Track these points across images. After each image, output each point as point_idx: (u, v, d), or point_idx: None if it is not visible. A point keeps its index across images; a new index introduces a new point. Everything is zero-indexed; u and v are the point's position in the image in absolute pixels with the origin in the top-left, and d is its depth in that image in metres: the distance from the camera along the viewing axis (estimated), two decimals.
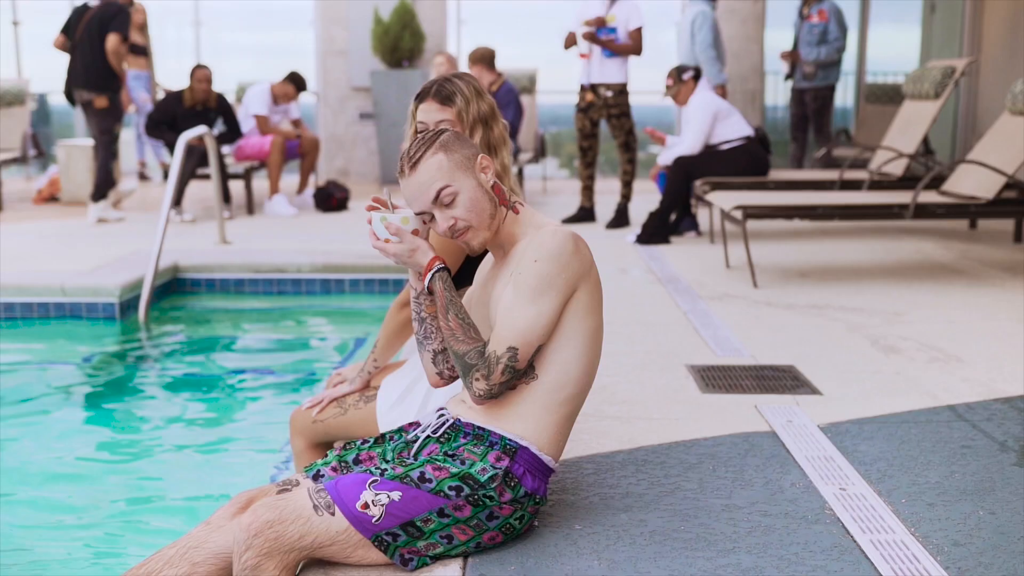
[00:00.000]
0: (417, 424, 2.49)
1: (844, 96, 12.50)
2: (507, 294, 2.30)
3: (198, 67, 8.76)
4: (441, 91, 2.75)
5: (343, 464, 2.38)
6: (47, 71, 13.39)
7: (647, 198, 8.95)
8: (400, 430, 2.49)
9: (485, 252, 2.56)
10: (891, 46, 12.58)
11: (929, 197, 6.04)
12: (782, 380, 3.83)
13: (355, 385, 2.98)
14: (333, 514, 2.18)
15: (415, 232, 2.31)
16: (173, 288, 6.40)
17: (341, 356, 5.42)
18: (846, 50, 9.58)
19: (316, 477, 2.35)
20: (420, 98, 2.78)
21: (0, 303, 5.77)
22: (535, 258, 2.27)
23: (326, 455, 2.49)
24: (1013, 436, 3.13)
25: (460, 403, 2.43)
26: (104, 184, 8.24)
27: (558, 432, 2.37)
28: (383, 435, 2.48)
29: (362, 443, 2.46)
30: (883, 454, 2.98)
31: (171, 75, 11.60)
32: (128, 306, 5.85)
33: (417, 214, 2.32)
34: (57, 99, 9.48)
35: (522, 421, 2.33)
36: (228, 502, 2.39)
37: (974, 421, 3.28)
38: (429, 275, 2.31)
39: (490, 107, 2.81)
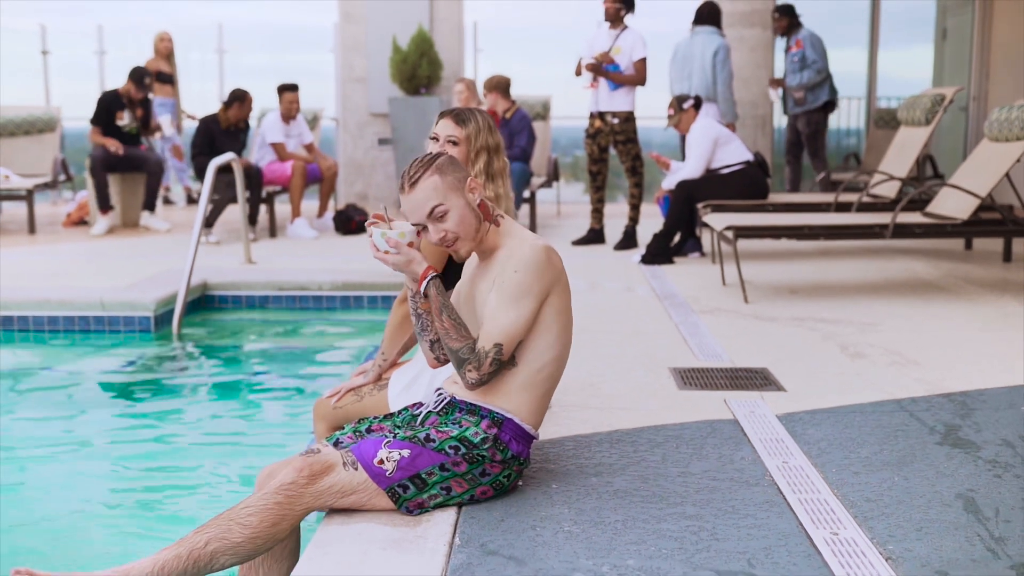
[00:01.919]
0: (420, 404, 2.93)
1: (857, 119, 12.86)
2: (492, 298, 2.75)
3: (245, 93, 9.46)
4: (461, 114, 3.29)
5: (358, 433, 2.83)
6: (76, 98, 13.91)
7: (655, 221, 9.33)
8: (406, 408, 2.94)
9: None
10: (903, 70, 12.88)
11: (912, 218, 6.42)
12: (753, 379, 4.22)
13: (369, 377, 3.46)
14: (356, 469, 2.63)
15: (411, 244, 2.73)
16: (203, 304, 6.84)
17: (359, 361, 5.84)
18: (828, 72, 9.89)
19: (336, 444, 2.77)
20: (442, 115, 3.32)
21: (45, 316, 6.22)
22: (515, 269, 2.74)
23: None
24: (943, 422, 3.53)
25: (455, 384, 2.89)
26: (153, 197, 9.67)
27: (538, 406, 2.82)
28: (391, 413, 2.94)
29: (373, 418, 2.91)
30: (826, 436, 3.39)
31: (195, 100, 12.06)
32: (162, 320, 6.29)
33: (414, 225, 2.74)
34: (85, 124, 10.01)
35: (507, 397, 2.78)
36: (255, 486, 2.81)
37: (913, 411, 3.68)
38: (424, 283, 2.75)
39: (497, 143, 3.34)
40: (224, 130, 9.29)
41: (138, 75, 9.69)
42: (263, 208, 9.46)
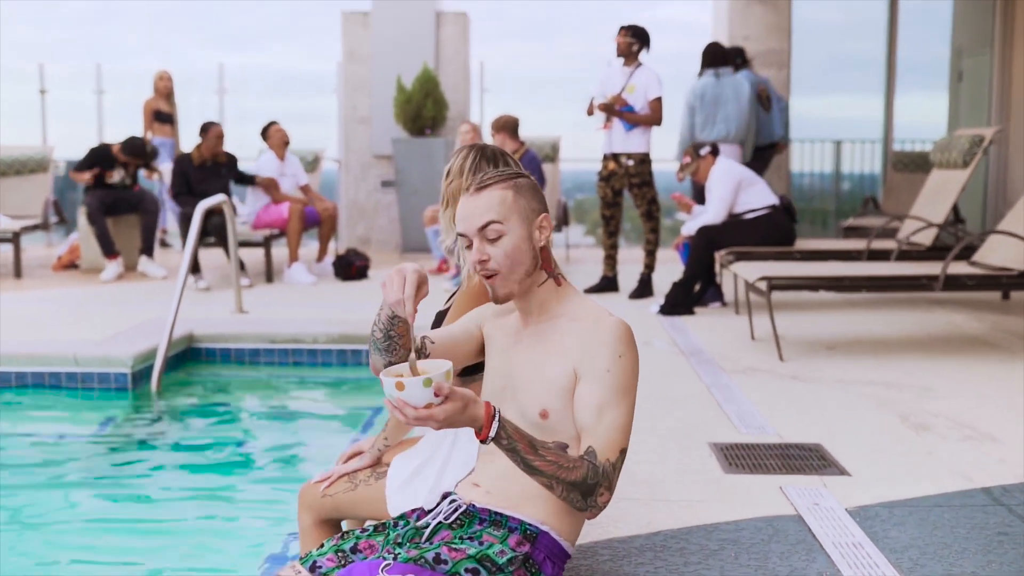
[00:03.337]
0: (423, 511, 2.36)
1: (871, 163, 12.43)
2: (591, 390, 2.18)
3: (212, 124, 8.97)
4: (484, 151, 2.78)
5: (340, 553, 2.25)
6: (74, 139, 13.54)
7: (671, 268, 8.83)
8: (403, 517, 2.36)
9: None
10: (918, 114, 12.52)
11: (959, 268, 5.90)
12: (808, 460, 3.68)
13: (365, 461, 2.91)
14: None
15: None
16: (188, 357, 6.31)
17: (355, 430, 5.30)
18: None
19: (313, 568, 2.22)
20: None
21: (12, 372, 5.69)
22: (619, 353, 2.19)
23: (331, 535, 2.36)
24: None
25: (472, 487, 2.31)
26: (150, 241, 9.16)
27: (578, 516, 2.25)
28: (383, 524, 2.36)
29: (361, 531, 2.33)
30: (915, 541, 2.82)
31: (194, 141, 11.61)
32: (141, 376, 5.75)
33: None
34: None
35: (542, 505, 2.22)
36: None
37: (1011, 505, 3.12)
38: (494, 425, 2.05)
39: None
40: (198, 167, 8.85)
41: (133, 148, 9.17)
42: (260, 252, 8.97)
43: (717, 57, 8.44)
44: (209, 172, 8.79)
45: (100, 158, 9.16)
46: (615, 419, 2.16)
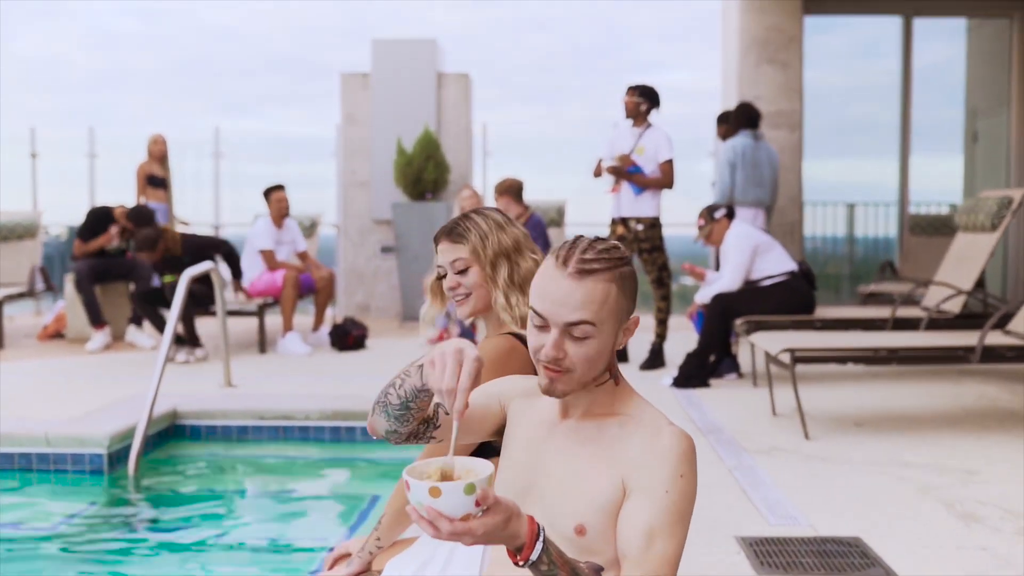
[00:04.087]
0: None
1: (885, 226, 12.10)
2: (644, 513, 1.80)
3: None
4: (454, 229, 2.49)
5: None
6: (65, 204, 13.30)
7: (683, 337, 8.47)
8: None
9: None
10: (932, 176, 12.24)
11: (995, 338, 5.51)
12: (849, 557, 3.28)
13: (354, 567, 2.57)
14: None
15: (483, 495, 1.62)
16: (171, 435, 5.91)
17: (348, 522, 4.87)
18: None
19: None
20: (436, 239, 2.52)
21: None
22: (680, 472, 1.82)
23: None
24: None
25: None
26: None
27: None
28: None
29: None
30: None
31: (189, 207, 11.33)
32: (118, 457, 5.35)
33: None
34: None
35: None
36: None
37: None
38: (537, 546, 1.67)
39: (515, 240, 2.52)
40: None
41: (140, 218, 8.85)
42: (254, 322, 8.58)
43: (753, 118, 8.27)
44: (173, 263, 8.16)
45: (100, 220, 8.84)
46: (666, 550, 1.77)
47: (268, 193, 8.88)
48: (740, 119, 8.36)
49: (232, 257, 8.49)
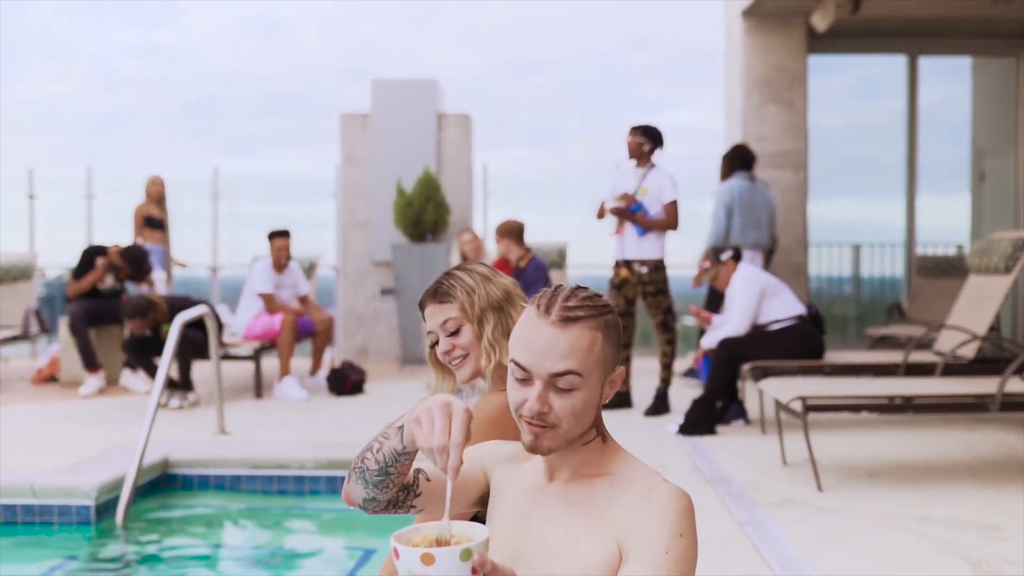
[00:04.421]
0: None
1: (891, 267, 11.94)
2: (641, 575, 1.66)
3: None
4: (438, 289, 2.38)
5: None
6: (62, 245, 13.17)
7: (690, 382, 8.31)
8: None
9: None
10: (938, 216, 12.11)
11: (1013, 385, 5.33)
12: None
13: None
14: None
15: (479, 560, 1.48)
16: (162, 484, 5.73)
17: (345, 573, 4.68)
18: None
19: None
20: (422, 304, 2.40)
21: None
22: (680, 531, 1.69)
23: None
24: None
25: None
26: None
27: None
28: None
29: None
30: None
31: (187, 248, 11.20)
32: (106, 508, 5.17)
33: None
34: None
35: None
36: None
37: None
38: None
39: (504, 291, 2.40)
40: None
41: (134, 257, 8.74)
42: (250, 366, 8.41)
43: (748, 160, 8.19)
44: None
45: (93, 259, 8.71)
46: None
47: (272, 237, 8.73)
48: (734, 161, 8.26)
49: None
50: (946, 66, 12.01)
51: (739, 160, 8.21)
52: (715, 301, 8.65)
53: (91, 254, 8.76)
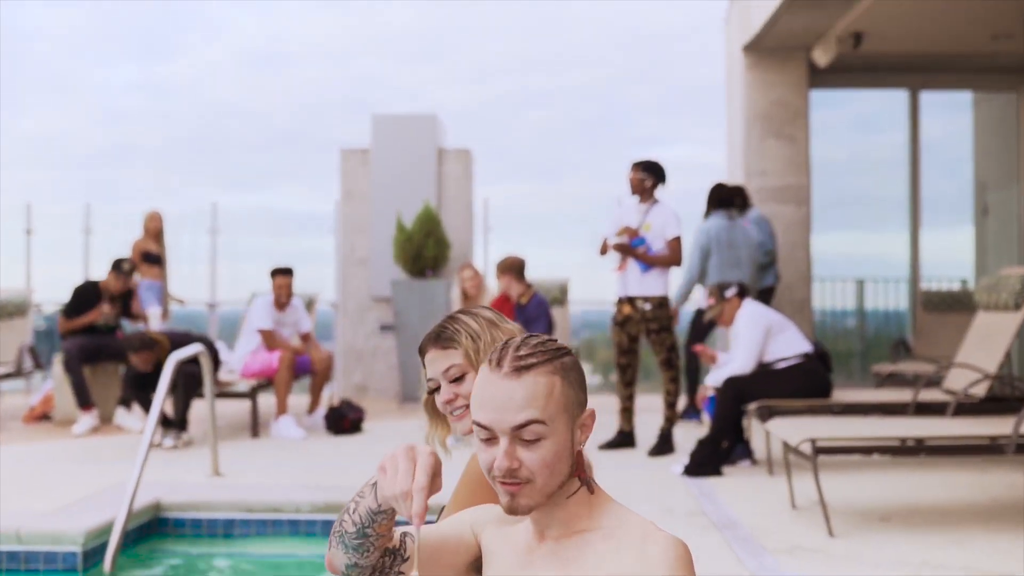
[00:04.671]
0: None
1: (896, 301, 11.83)
2: None
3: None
4: (441, 334, 2.21)
5: None
6: (59, 280, 13.08)
7: (686, 423, 8.17)
8: None
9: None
10: (941, 250, 12.01)
11: None
12: None
13: None
14: None
15: None
16: (153, 529, 5.57)
17: None
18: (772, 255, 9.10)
19: None
20: (422, 349, 2.25)
21: None
22: None
23: None
24: None
25: None
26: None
27: None
28: None
29: None
30: None
31: (185, 284, 11.08)
32: (94, 554, 5.01)
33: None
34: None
35: None
36: None
37: None
38: None
39: (509, 335, 2.22)
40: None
41: (118, 266, 8.68)
42: (246, 404, 8.27)
43: (724, 199, 8.05)
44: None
45: (87, 296, 8.60)
46: None
47: (274, 275, 8.61)
48: (712, 200, 8.12)
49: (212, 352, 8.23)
50: (947, 100, 11.96)
51: (715, 199, 8.09)
52: (699, 334, 8.53)
53: (84, 292, 8.65)
